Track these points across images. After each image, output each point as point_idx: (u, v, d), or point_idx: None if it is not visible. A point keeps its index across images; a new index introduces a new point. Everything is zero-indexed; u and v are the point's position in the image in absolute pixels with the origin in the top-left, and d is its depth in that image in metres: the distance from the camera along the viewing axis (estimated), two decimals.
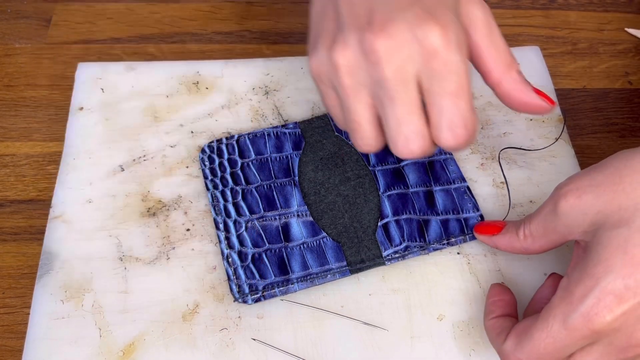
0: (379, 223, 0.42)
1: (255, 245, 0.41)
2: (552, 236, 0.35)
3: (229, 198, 0.43)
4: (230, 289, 0.39)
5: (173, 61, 0.50)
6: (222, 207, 0.42)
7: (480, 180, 0.44)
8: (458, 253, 0.42)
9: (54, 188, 0.43)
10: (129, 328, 0.38)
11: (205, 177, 0.44)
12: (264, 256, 0.40)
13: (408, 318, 0.39)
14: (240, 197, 0.43)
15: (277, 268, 0.40)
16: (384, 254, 0.41)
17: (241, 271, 0.40)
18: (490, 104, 0.48)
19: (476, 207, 0.43)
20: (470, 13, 0.36)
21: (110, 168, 0.44)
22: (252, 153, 0.44)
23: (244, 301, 0.39)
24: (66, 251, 0.41)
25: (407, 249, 0.41)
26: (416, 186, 0.43)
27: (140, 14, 0.55)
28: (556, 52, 0.54)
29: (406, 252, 0.41)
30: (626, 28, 0.56)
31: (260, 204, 0.42)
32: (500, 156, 0.45)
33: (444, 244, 0.41)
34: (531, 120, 0.47)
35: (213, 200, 0.43)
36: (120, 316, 0.39)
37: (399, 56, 0.33)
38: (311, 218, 0.42)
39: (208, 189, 0.43)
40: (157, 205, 0.43)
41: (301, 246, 0.41)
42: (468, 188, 0.43)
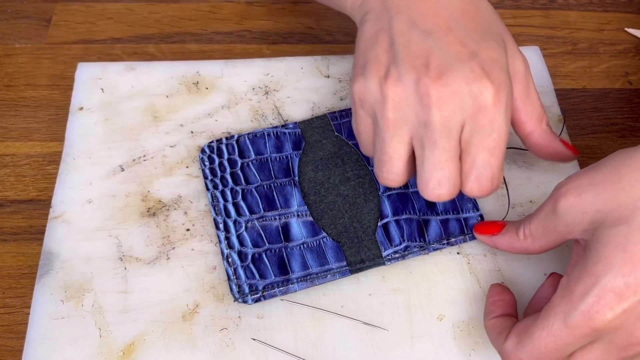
0: (379, 223, 0.42)
1: (255, 245, 0.41)
2: (552, 236, 0.35)
3: (229, 198, 0.43)
4: (230, 289, 0.39)
5: (173, 61, 0.50)
6: (222, 207, 0.42)
7: None
8: (458, 253, 0.42)
9: (54, 188, 0.43)
10: (129, 328, 0.38)
11: (205, 177, 0.44)
12: (264, 256, 0.40)
13: (408, 318, 0.39)
14: (240, 197, 0.43)
15: (277, 268, 0.40)
16: (384, 254, 0.40)
17: (241, 271, 0.40)
18: None
19: (476, 207, 0.43)
20: (513, 66, 0.38)
21: (110, 168, 0.44)
22: (252, 153, 0.44)
23: (244, 301, 0.39)
24: (66, 251, 0.41)
25: (407, 249, 0.41)
26: (416, 186, 0.43)
27: (140, 14, 0.55)
28: (556, 52, 0.54)
29: (406, 252, 0.41)
30: (626, 28, 0.56)
31: (260, 204, 0.42)
32: None
33: (444, 244, 0.41)
34: None
35: (213, 200, 0.42)
36: (120, 316, 0.39)
37: (451, 105, 0.34)
38: (311, 218, 0.42)
39: (208, 189, 0.43)
40: (157, 205, 0.43)
41: (301, 246, 0.41)
42: None
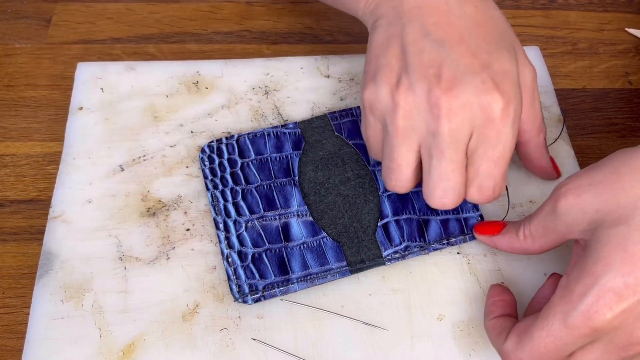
0: (379, 223, 0.42)
1: (255, 245, 0.41)
2: (552, 236, 0.35)
3: (229, 198, 0.43)
4: (230, 289, 0.39)
5: (173, 61, 0.50)
6: (222, 207, 0.42)
7: None
8: (458, 253, 0.41)
9: (54, 188, 0.43)
10: (129, 328, 0.38)
11: (205, 177, 0.44)
12: (264, 256, 0.40)
13: (408, 318, 0.39)
14: (240, 197, 0.43)
15: (277, 268, 0.40)
16: (384, 254, 0.40)
17: (241, 271, 0.40)
18: None
19: (476, 207, 0.43)
20: (522, 75, 0.39)
21: (110, 168, 0.44)
22: (252, 153, 0.44)
23: (244, 301, 0.39)
24: (66, 251, 0.41)
25: (407, 249, 0.41)
26: (416, 186, 0.43)
27: (140, 14, 0.55)
28: (556, 52, 0.54)
29: (406, 252, 0.41)
30: (626, 28, 0.56)
31: (260, 204, 0.42)
32: None
33: (444, 244, 0.41)
34: None
35: (213, 200, 0.42)
36: (120, 316, 0.39)
37: (460, 117, 0.35)
38: (311, 218, 0.42)
39: (208, 189, 0.43)
40: (157, 205, 0.43)
41: (301, 246, 0.41)
42: None
